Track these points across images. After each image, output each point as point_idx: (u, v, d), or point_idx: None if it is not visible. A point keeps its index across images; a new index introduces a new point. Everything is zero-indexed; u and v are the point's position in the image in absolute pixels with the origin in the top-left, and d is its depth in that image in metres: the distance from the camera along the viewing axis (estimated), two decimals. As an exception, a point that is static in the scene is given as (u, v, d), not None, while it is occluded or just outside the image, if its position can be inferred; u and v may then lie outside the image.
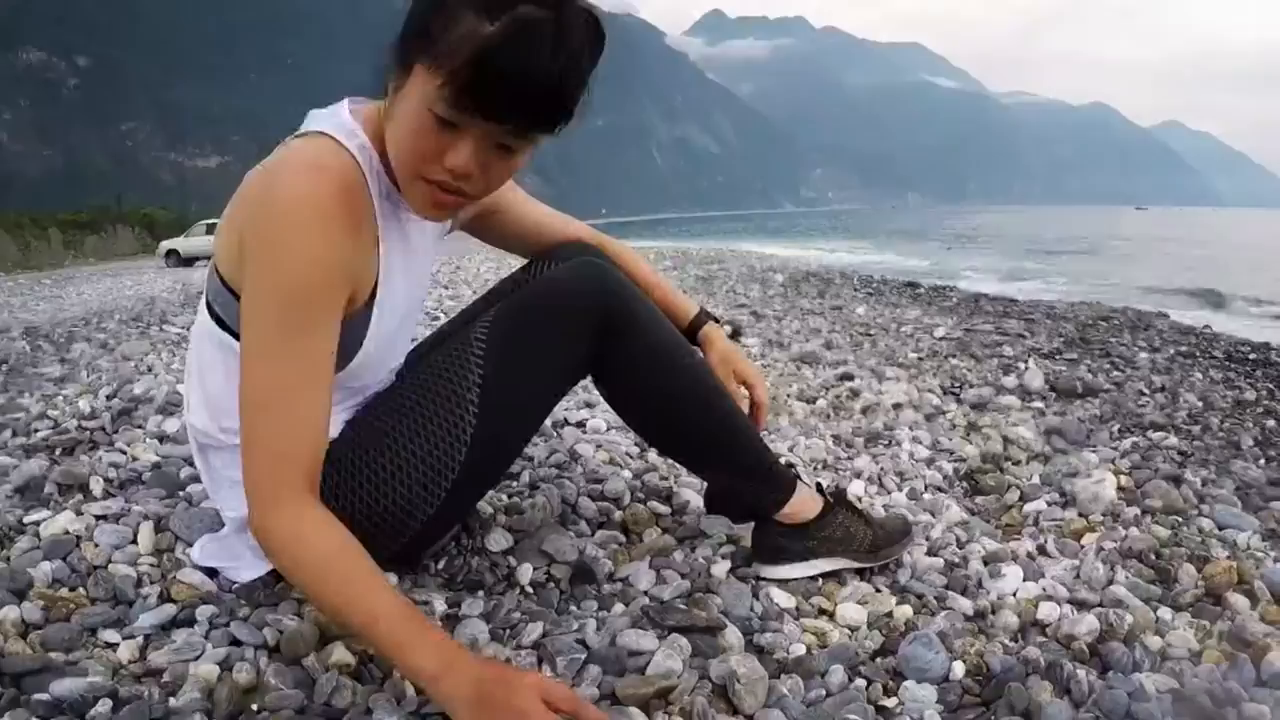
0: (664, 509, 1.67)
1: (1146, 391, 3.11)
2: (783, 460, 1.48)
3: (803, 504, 1.41)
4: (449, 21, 0.96)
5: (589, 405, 2.32)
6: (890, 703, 1.14)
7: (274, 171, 1.08)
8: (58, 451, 1.84)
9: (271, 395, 1.04)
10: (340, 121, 1.13)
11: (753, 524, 1.46)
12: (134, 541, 1.42)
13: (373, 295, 1.17)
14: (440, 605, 1.27)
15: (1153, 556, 1.58)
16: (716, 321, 1.56)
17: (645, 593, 1.36)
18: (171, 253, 25.27)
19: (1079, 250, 23.96)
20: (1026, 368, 3.29)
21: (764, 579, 1.42)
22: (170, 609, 1.24)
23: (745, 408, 1.47)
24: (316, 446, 1.07)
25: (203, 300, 1.24)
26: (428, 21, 0.98)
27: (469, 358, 1.24)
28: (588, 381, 1.38)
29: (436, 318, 4.49)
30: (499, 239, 1.53)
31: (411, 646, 0.96)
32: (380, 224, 1.15)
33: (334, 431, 1.26)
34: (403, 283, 1.22)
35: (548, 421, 1.99)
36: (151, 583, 1.32)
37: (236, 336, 1.12)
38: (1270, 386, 3.41)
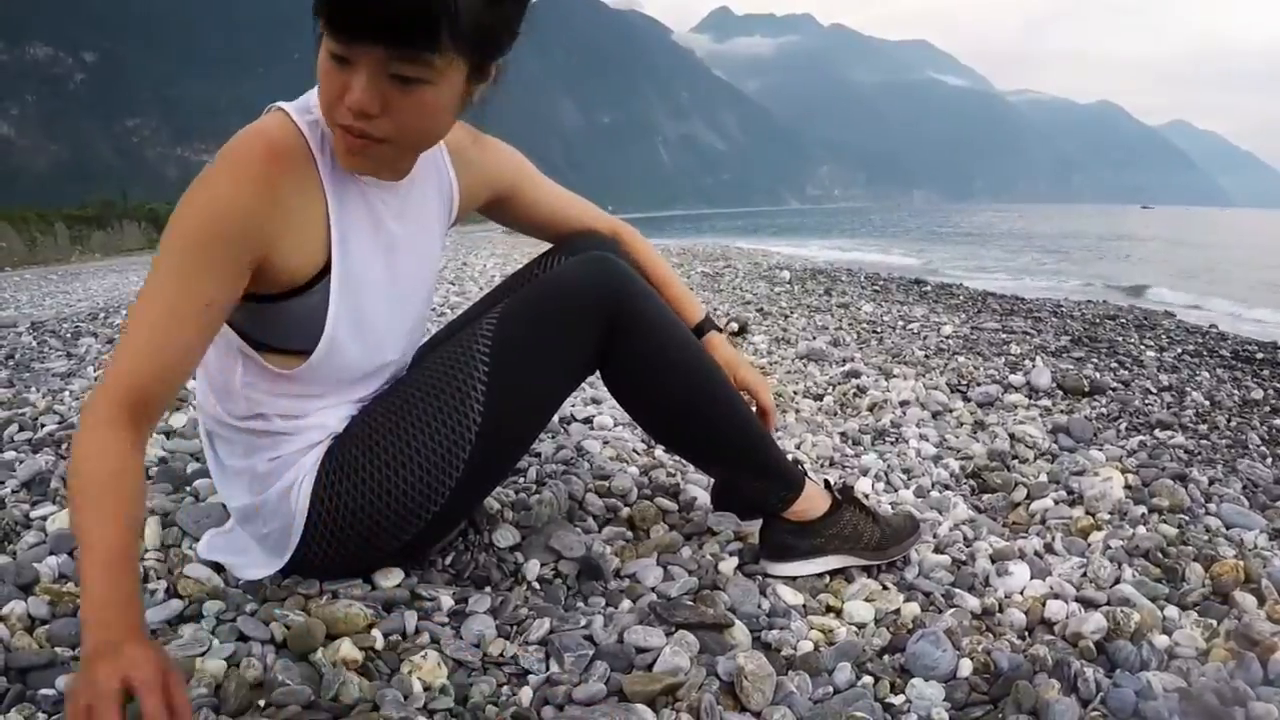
0: (671, 505, 1.67)
1: (1153, 390, 3.10)
2: (790, 457, 1.47)
3: (810, 501, 1.41)
4: None
5: (596, 401, 2.31)
6: (897, 700, 1.14)
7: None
8: (64, 446, 1.84)
9: (136, 328, 1.02)
10: (303, 100, 1.15)
11: (760, 521, 1.46)
12: (140, 536, 1.42)
13: (326, 272, 1.15)
14: (447, 601, 1.27)
15: (1160, 555, 1.58)
16: (720, 330, 1.56)
17: (652, 589, 1.37)
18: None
19: (1081, 249, 23.95)
20: (1034, 365, 3.28)
21: (771, 576, 1.42)
22: (177, 604, 1.24)
23: None
24: (160, 382, 1.02)
25: None
26: None
27: (475, 354, 1.24)
28: (595, 378, 1.37)
29: (443, 314, 4.49)
30: (514, 223, 1.53)
31: (93, 594, 0.89)
32: (329, 195, 1.14)
33: (338, 427, 1.26)
34: (367, 260, 1.19)
35: (555, 418, 1.99)
36: (158, 578, 1.32)
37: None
38: (1278, 386, 3.39)
